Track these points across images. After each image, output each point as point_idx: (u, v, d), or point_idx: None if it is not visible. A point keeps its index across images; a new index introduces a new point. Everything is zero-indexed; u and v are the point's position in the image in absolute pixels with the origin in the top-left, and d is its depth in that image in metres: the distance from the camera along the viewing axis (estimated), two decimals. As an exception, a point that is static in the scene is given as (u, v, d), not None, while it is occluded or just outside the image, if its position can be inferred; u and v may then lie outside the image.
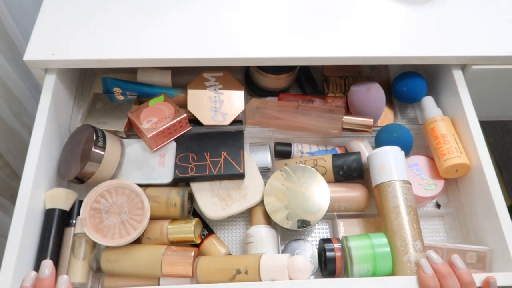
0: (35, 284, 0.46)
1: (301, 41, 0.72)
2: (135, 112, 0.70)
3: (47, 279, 0.46)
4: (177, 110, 0.70)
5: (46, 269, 0.46)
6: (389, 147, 0.67)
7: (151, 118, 0.67)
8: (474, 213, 0.67)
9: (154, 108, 0.70)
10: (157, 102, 0.70)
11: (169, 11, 0.75)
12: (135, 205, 0.63)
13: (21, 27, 0.89)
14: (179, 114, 0.69)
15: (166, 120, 0.68)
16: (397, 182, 0.64)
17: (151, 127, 0.65)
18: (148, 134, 0.66)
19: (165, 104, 0.70)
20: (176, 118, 0.68)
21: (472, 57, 0.72)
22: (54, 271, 0.43)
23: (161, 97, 0.71)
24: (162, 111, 0.69)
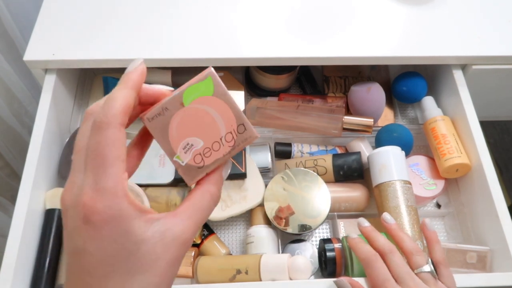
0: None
1: (301, 41, 0.72)
2: (157, 119, 0.32)
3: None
4: (239, 116, 0.32)
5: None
6: (390, 147, 0.67)
7: (190, 140, 0.32)
8: (475, 213, 0.67)
9: (196, 113, 0.32)
10: (200, 96, 0.32)
11: (169, 11, 0.75)
12: (135, 205, 0.64)
13: (21, 27, 0.89)
14: (245, 130, 0.33)
15: (222, 148, 0.33)
16: (398, 182, 0.64)
17: (194, 163, 0.32)
18: (190, 181, 0.33)
19: (215, 104, 0.32)
20: (241, 141, 0.33)
21: (472, 57, 0.72)
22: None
23: (207, 83, 0.32)
24: (211, 121, 0.32)
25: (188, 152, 0.32)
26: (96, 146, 0.26)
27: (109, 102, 0.28)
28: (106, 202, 0.26)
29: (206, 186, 0.31)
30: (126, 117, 0.28)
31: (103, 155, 0.26)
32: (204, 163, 0.32)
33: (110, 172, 0.26)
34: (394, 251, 0.52)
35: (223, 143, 0.32)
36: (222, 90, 0.32)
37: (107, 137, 0.26)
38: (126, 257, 0.26)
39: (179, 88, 0.31)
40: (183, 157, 0.32)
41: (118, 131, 0.27)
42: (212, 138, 0.32)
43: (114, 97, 0.28)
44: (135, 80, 0.29)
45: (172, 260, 0.28)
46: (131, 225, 0.26)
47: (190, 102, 0.32)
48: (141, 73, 0.30)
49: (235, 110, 0.32)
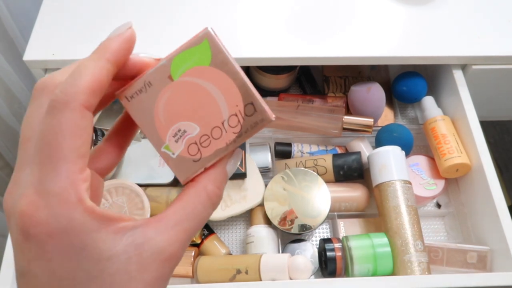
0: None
1: (301, 41, 0.72)
2: (138, 97, 0.25)
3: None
4: (247, 93, 0.24)
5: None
6: (390, 147, 0.67)
7: (182, 126, 0.25)
8: (475, 213, 0.67)
9: (189, 89, 0.25)
10: (194, 66, 0.24)
11: (169, 11, 0.75)
12: (135, 205, 0.63)
13: (21, 27, 0.89)
14: (255, 111, 0.24)
15: (225, 135, 0.25)
16: (398, 182, 0.64)
17: (188, 155, 0.25)
18: (184, 178, 0.25)
19: (214, 76, 0.24)
20: (250, 126, 0.25)
21: (472, 57, 0.72)
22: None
23: (203, 48, 0.24)
24: (209, 100, 0.24)
25: (180, 140, 0.25)
26: (47, 133, 0.20)
27: (72, 76, 0.21)
28: (50, 210, 0.19)
29: (202, 183, 0.24)
30: (93, 97, 0.21)
31: (54, 146, 0.20)
32: (201, 154, 0.25)
33: (61, 168, 0.19)
34: None
35: (226, 128, 0.24)
36: (222, 58, 0.24)
37: (62, 122, 0.20)
38: (87, 281, 0.20)
39: (166, 56, 0.24)
40: (173, 147, 0.25)
41: (78, 114, 0.20)
42: (211, 122, 0.24)
43: (80, 69, 0.21)
44: (114, 49, 0.22)
45: (152, 281, 0.21)
46: (90, 239, 0.20)
47: (181, 74, 0.24)
48: (126, 40, 0.23)
49: (240, 84, 0.24)
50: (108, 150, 0.26)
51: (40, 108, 0.21)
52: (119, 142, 0.26)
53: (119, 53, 0.23)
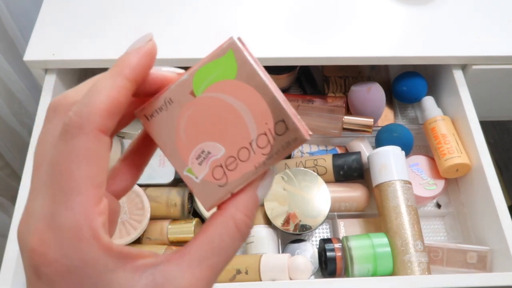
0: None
1: (301, 41, 0.72)
2: (158, 116, 0.23)
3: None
4: (278, 109, 0.22)
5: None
6: (390, 147, 0.67)
7: (206, 146, 0.23)
8: (475, 213, 0.67)
9: (213, 106, 0.22)
10: (219, 80, 0.22)
11: (169, 11, 0.75)
12: (135, 205, 0.63)
13: (21, 27, 0.89)
14: (287, 129, 0.22)
15: (253, 157, 0.22)
16: (398, 182, 0.64)
17: (213, 180, 0.23)
18: (209, 204, 0.23)
19: (241, 91, 0.22)
20: (282, 146, 0.22)
21: (472, 57, 0.72)
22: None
23: (227, 60, 0.22)
24: (236, 118, 0.22)
25: (204, 163, 0.22)
26: (59, 160, 0.18)
27: (87, 96, 0.19)
28: (62, 248, 0.17)
29: (230, 212, 0.21)
30: (110, 120, 0.19)
31: (66, 175, 0.18)
32: (228, 179, 0.22)
33: (74, 201, 0.18)
34: None
35: (254, 149, 0.22)
36: (249, 70, 0.21)
37: (75, 148, 0.18)
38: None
39: (188, 70, 0.22)
40: (197, 170, 0.22)
41: (93, 139, 0.18)
42: (238, 142, 0.22)
43: (97, 88, 0.19)
44: (133, 65, 0.20)
45: None
46: (105, 280, 0.18)
47: (204, 89, 0.22)
48: (146, 55, 0.21)
49: (270, 99, 0.21)
50: (124, 171, 0.24)
51: (53, 130, 0.20)
52: (137, 162, 0.24)
53: (139, 69, 0.21)
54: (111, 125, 0.19)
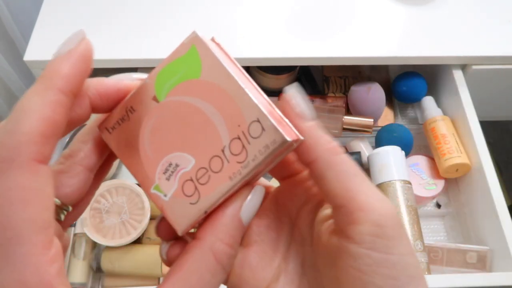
0: None
1: (301, 41, 0.72)
2: (120, 128, 0.20)
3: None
4: (250, 108, 0.18)
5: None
6: (390, 147, 0.67)
7: (174, 158, 0.19)
8: (474, 213, 0.67)
9: (178, 111, 0.20)
10: (182, 81, 0.19)
11: (169, 11, 0.75)
12: (135, 205, 0.63)
13: (21, 27, 0.89)
14: (264, 130, 0.18)
15: (227, 167, 0.19)
16: (398, 182, 0.64)
17: (183, 196, 0.19)
18: (181, 227, 0.20)
19: (208, 92, 0.19)
20: (259, 151, 0.18)
21: (472, 57, 0.72)
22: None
23: (190, 57, 0.20)
24: (204, 122, 0.19)
25: (173, 177, 0.19)
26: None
27: (14, 120, 0.16)
28: None
29: (208, 241, 0.18)
30: (47, 145, 0.15)
31: (2, 223, 0.14)
32: (200, 195, 0.19)
33: (17, 254, 0.14)
34: None
35: (228, 157, 0.18)
36: (214, 65, 0.19)
37: (8, 188, 0.14)
38: None
39: (150, 73, 0.20)
40: (165, 186, 0.19)
41: (29, 173, 0.15)
42: (209, 151, 0.19)
43: (25, 109, 0.16)
44: (65, 73, 0.16)
45: None
46: None
47: (167, 93, 0.19)
48: (80, 59, 0.17)
49: (242, 97, 0.18)
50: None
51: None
52: (92, 172, 0.20)
53: (74, 78, 0.17)
54: (49, 151, 0.16)
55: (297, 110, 0.20)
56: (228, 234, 0.19)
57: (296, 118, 0.20)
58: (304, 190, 0.24)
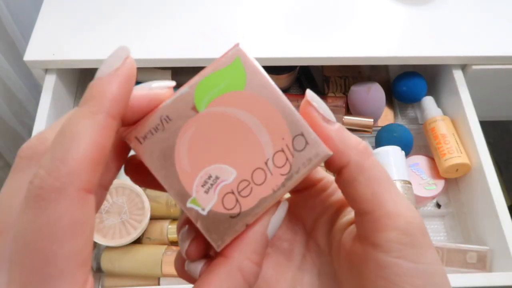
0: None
1: (301, 41, 0.72)
2: (153, 138, 0.19)
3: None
4: (295, 123, 0.19)
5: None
6: (390, 147, 0.67)
7: (213, 170, 0.19)
8: (475, 213, 0.67)
9: (219, 123, 0.19)
10: (225, 92, 0.19)
11: (169, 11, 0.75)
12: (135, 205, 0.64)
13: (21, 27, 0.89)
14: (307, 143, 0.19)
15: (270, 179, 0.19)
16: (398, 182, 0.64)
17: (223, 210, 0.19)
18: (220, 241, 0.19)
19: (252, 104, 0.19)
20: (302, 164, 0.19)
21: (472, 57, 0.72)
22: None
23: (234, 69, 0.19)
24: (247, 135, 0.19)
25: (212, 190, 0.19)
26: (33, 238, 0.14)
27: (63, 145, 0.14)
28: None
29: (236, 260, 0.18)
30: (96, 173, 0.15)
31: (45, 257, 0.13)
32: (241, 207, 0.19)
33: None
34: None
35: (271, 169, 0.19)
36: (260, 80, 0.19)
37: (55, 220, 0.14)
38: None
39: (188, 82, 0.19)
40: (203, 200, 0.19)
41: (78, 204, 0.14)
42: (252, 163, 0.19)
43: (74, 133, 0.14)
44: (113, 95, 0.15)
45: None
46: None
47: (208, 103, 0.19)
48: (127, 79, 0.16)
49: (286, 111, 0.19)
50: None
51: (18, 194, 0.15)
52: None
53: (122, 100, 0.16)
54: (97, 179, 0.15)
55: (321, 112, 0.20)
56: (256, 252, 0.18)
57: (321, 122, 0.20)
58: (321, 201, 0.23)
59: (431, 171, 0.72)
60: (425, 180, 0.72)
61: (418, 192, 0.70)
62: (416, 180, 0.71)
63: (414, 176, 0.72)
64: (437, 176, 0.71)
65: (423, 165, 0.73)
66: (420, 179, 0.72)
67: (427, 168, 0.73)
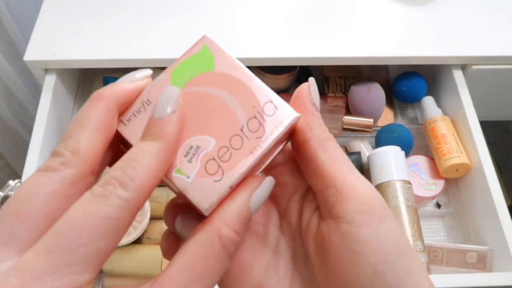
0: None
1: (301, 41, 0.72)
2: (136, 119, 0.21)
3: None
4: (263, 91, 0.22)
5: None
6: (390, 147, 0.67)
7: (194, 141, 0.21)
8: (475, 213, 0.67)
9: (196, 100, 0.21)
10: (198, 74, 0.22)
11: (169, 11, 0.74)
12: (135, 205, 0.64)
13: (21, 27, 0.89)
14: (277, 108, 0.22)
15: (247, 143, 0.21)
16: (398, 182, 0.64)
17: (207, 176, 0.20)
18: (207, 205, 0.20)
19: (223, 81, 0.22)
20: (275, 126, 0.21)
21: (472, 57, 0.72)
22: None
23: (203, 55, 0.22)
24: (222, 107, 0.21)
25: (194, 159, 0.20)
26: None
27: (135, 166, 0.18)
28: None
29: (214, 226, 0.19)
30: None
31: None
32: (224, 171, 0.20)
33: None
34: None
35: (247, 134, 0.20)
36: (228, 60, 0.22)
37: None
38: None
39: (164, 70, 0.22)
40: (187, 169, 0.20)
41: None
42: (228, 131, 0.20)
43: (143, 163, 0.18)
44: (176, 133, 0.19)
45: None
46: None
47: (184, 85, 0.21)
48: (181, 117, 0.20)
49: (254, 83, 0.22)
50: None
51: (55, 183, 0.18)
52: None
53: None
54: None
55: (311, 94, 0.23)
56: (236, 220, 0.19)
57: (307, 99, 0.23)
58: (293, 180, 0.24)
59: (431, 171, 0.72)
60: (425, 180, 0.72)
61: (418, 192, 0.70)
62: (416, 180, 0.71)
63: (414, 176, 0.72)
64: (437, 176, 0.71)
65: (423, 165, 0.73)
66: (420, 179, 0.72)
67: (427, 168, 0.73)
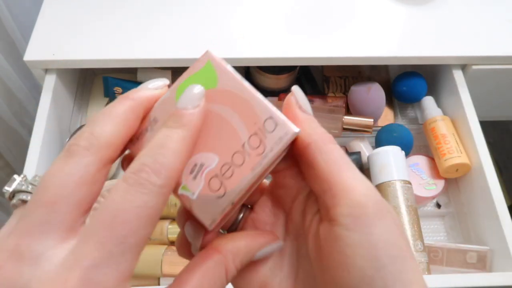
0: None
1: (301, 41, 0.72)
2: (145, 137, 0.22)
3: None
4: (264, 108, 0.22)
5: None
6: (390, 147, 0.67)
7: (198, 159, 0.22)
8: (475, 213, 0.67)
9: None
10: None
11: (169, 11, 0.74)
12: (135, 205, 0.63)
13: (21, 27, 0.89)
14: (277, 124, 0.22)
15: (249, 160, 0.22)
16: (398, 182, 0.64)
17: (210, 192, 0.21)
18: (210, 221, 0.21)
19: (225, 98, 0.22)
20: (275, 143, 0.22)
21: (472, 57, 0.72)
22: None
23: (207, 71, 0.23)
24: (224, 124, 0.22)
25: (199, 176, 0.21)
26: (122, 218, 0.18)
27: (161, 153, 0.19)
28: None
29: (226, 258, 0.21)
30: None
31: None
32: (226, 188, 0.21)
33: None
34: None
35: (248, 151, 0.21)
36: (230, 77, 0.22)
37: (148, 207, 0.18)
38: None
39: (170, 87, 0.23)
40: (192, 186, 0.21)
41: (165, 200, 0.19)
42: (231, 148, 0.21)
43: (169, 148, 0.19)
44: (198, 125, 0.21)
45: None
46: None
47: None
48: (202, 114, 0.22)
49: (255, 99, 0.22)
50: None
51: (79, 170, 0.18)
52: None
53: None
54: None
55: (299, 102, 0.23)
56: (242, 263, 0.21)
57: (296, 109, 0.23)
58: (297, 182, 0.25)
59: (431, 171, 0.72)
60: (425, 180, 0.72)
61: (418, 192, 0.70)
62: (416, 180, 0.71)
63: (414, 176, 0.72)
64: (437, 176, 0.71)
65: (423, 165, 0.73)
66: (420, 179, 0.72)
67: (427, 168, 0.73)
